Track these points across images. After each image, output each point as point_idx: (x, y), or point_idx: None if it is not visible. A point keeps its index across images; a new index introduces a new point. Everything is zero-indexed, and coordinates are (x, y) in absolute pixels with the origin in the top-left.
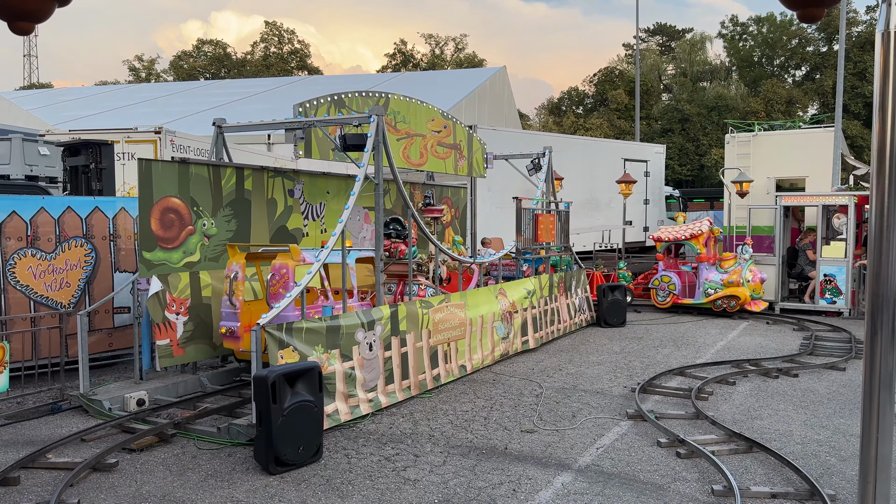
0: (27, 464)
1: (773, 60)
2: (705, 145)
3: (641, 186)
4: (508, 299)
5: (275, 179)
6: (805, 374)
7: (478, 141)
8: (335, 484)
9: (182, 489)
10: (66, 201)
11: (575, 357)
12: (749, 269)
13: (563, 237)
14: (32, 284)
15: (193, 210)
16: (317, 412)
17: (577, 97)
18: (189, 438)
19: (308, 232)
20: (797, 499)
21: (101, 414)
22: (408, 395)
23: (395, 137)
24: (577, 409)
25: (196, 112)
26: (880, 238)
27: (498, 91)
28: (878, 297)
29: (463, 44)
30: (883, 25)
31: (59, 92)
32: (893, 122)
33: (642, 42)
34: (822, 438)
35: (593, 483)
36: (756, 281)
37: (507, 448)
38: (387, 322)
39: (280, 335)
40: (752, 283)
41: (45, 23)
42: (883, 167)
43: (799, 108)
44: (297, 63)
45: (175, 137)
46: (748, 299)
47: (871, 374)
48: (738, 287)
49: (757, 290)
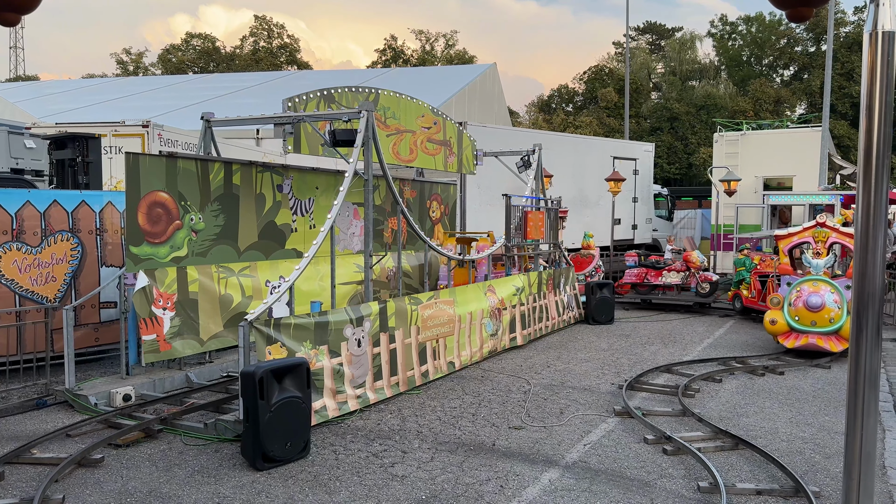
0: (11, 459)
1: (761, 60)
2: (694, 144)
3: (630, 185)
4: (497, 296)
5: (263, 174)
6: (791, 372)
7: (468, 138)
8: (322, 480)
9: (168, 485)
10: (52, 195)
11: (563, 354)
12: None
13: (553, 234)
14: (18, 279)
15: (181, 205)
16: (304, 408)
17: (566, 95)
18: (175, 434)
19: (297, 227)
20: (782, 495)
21: (87, 409)
22: (396, 392)
23: (384, 133)
24: (564, 406)
25: (184, 106)
26: (866, 238)
27: (488, 88)
28: (864, 296)
29: (453, 40)
30: (871, 26)
31: (46, 85)
32: (880, 122)
33: (632, 40)
34: (807, 436)
35: (580, 479)
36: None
37: (494, 444)
38: (375, 318)
39: (268, 331)
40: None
41: (31, 14)
42: (869, 167)
43: (787, 108)
44: (286, 58)
45: (163, 131)
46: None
47: (857, 371)
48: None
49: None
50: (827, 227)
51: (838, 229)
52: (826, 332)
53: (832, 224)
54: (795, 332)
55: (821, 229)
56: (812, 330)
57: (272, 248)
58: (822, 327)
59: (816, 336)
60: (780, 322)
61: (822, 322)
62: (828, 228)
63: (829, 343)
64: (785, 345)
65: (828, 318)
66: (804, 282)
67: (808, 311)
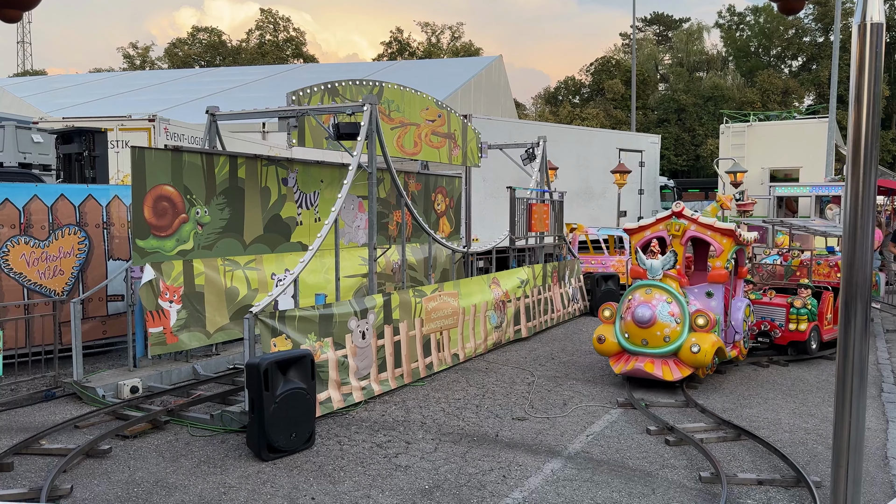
0: (21, 450)
1: (769, 51)
2: (701, 135)
3: (636, 176)
4: (502, 288)
5: (268, 168)
6: (795, 363)
7: (472, 130)
8: (327, 470)
9: (175, 475)
10: (60, 189)
11: (567, 346)
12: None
13: (558, 227)
14: (26, 272)
15: (187, 198)
16: (309, 399)
17: (573, 87)
18: (182, 425)
19: (302, 221)
20: (783, 485)
21: (95, 401)
22: (400, 384)
23: (388, 126)
24: (567, 398)
25: (191, 100)
26: (854, 226)
27: (494, 80)
28: (852, 285)
29: (459, 32)
30: (860, 17)
31: (53, 79)
32: (868, 113)
33: (639, 32)
34: (809, 427)
35: (582, 469)
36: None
37: (498, 435)
38: (380, 310)
39: (273, 323)
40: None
41: (38, 9)
42: (858, 157)
43: (795, 99)
44: (292, 51)
45: (169, 125)
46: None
47: (845, 360)
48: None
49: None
50: (684, 218)
51: (698, 220)
52: (659, 354)
53: (690, 214)
54: (626, 353)
55: (676, 220)
56: (643, 351)
57: (277, 241)
58: (655, 347)
59: (647, 359)
60: (608, 340)
61: (655, 341)
62: (685, 220)
63: (661, 368)
64: (614, 369)
65: (661, 335)
66: (637, 288)
67: (637, 326)
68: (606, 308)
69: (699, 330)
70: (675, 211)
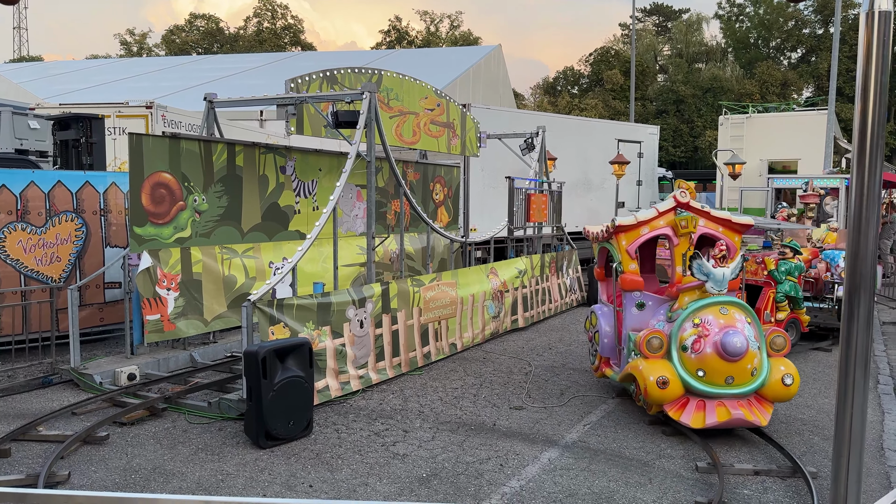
0: (18, 436)
1: (769, 42)
2: (699, 127)
3: (635, 167)
4: (500, 278)
5: (266, 156)
6: (791, 356)
7: (471, 120)
8: (324, 458)
9: (172, 462)
10: (57, 175)
11: (565, 336)
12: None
13: (556, 216)
14: (23, 258)
15: (184, 185)
16: (307, 388)
17: (572, 77)
18: (180, 413)
19: (300, 209)
20: (779, 476)
21: (92, 388)
22: (398, 373)
23: (387, 115)
24: (565, 387)
25: (188, 87)
26: (859, 218)
27: (493, 70)
28: (856, 276)
29: (458, 21)
30: (868, 6)
31: (50, 65)
32: (875, 103)
33: (638, 22)
34: (806, 418)
35: (579, 458)
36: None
37: (495, 424)
38: (378, 300)
39: (271, 311)
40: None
41: None
42: (864, 148)
43: (794, 91)
44: (290, 39)
45: (167, 112)
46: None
47: (848, 351)
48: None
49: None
50: (693, 211)
51: (710, 213)
52: (745, 394)
53: (700, 206)
54: (702, 396)
55: (684, 214)
56: (727, 392)
57: (275, 229)
58: (741, 385)
59: (735, 402)
60: (674, 381)
61: (742, 377)
62: (695, 212)
63: (753, 412)
64: (683, 421)
65: (749, 368)
66: (707, 307)
67: (725, 359)
68: (654, 336)
69: (776, 354)
70: (681, 202)
